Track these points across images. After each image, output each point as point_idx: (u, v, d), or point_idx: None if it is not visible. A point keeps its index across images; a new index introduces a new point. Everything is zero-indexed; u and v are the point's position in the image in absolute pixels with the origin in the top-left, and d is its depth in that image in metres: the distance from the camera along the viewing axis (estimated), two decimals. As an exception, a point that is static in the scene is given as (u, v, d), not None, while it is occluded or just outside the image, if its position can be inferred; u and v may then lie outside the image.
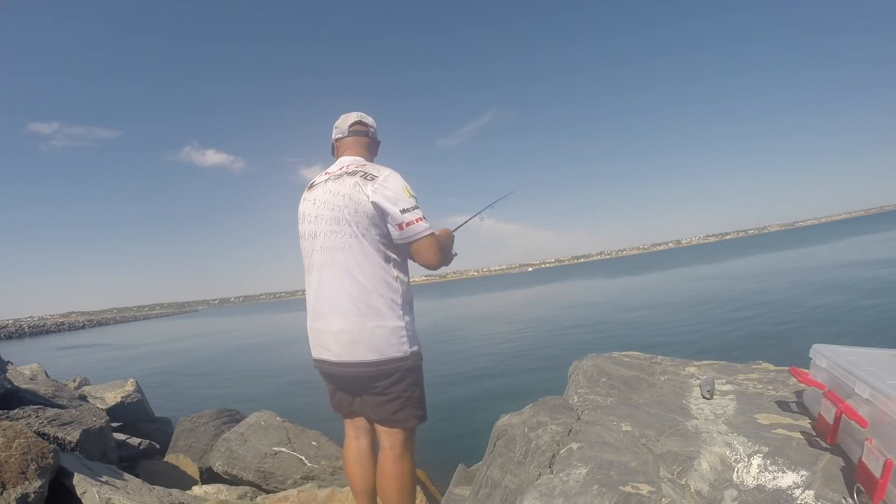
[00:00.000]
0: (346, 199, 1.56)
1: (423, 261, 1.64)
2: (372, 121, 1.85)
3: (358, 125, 1.80)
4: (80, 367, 15.17)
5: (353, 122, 1.81)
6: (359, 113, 1.83)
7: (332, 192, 1.61)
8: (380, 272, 1.57)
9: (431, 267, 1.66)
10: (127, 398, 5.64)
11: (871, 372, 1.33)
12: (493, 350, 11.55)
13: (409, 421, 1.65)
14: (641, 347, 2.89)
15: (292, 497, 2.86)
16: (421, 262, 1.65)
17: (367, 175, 1.58)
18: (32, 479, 2.10)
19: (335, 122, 1.84)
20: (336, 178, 1.65)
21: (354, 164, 1.68)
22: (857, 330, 8.40)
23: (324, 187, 1.66)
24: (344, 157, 1.76)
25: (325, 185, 1.66)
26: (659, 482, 1.33)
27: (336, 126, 1.83)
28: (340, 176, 1.64)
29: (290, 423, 4.19)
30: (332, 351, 1.59)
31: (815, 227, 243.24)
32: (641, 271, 46.18)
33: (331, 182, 1.65)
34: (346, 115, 1.83)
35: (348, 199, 1.56)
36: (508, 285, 67.30)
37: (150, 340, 31.52)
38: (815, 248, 36.55)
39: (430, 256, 1.61)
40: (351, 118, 1.81)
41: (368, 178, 1.57)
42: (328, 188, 1.64)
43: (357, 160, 1.72)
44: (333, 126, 1.84)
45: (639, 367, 2.38)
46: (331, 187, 1.63)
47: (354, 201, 1.55)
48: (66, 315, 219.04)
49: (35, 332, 60.11)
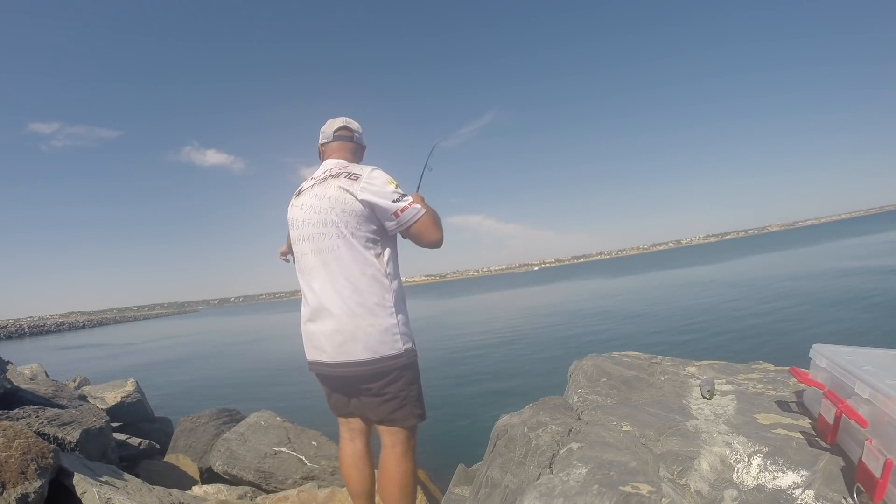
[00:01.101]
0: (333, 201, 1.59)
1: (427, 239, 1.65)
2: (357, 126, 1.88)
3: (343, 130, 1.83)
4: (80, 367, 15.19)
5: (339, 126, 1.83)
6: (344, 118, 1.86)
7: (318, 195, 1.64)
8: (370, 271, 1.58)
9: (436, 243, 1.67)
10: (127, 398, 5.64)
11: (871, 372, 1.33)
12: (493, 350, 11.55)
13: (408, 419, 1.65)
14: (641, 347, 2.89)
15: (292, 497, 2.86)
16: (425, 242, 1.66)
17: (351, 175, 1.61)
18: (32, 479, 2.10)
19: (322, 128, 1.87)
20: (321, 181, 1.67)
21: (337, 166, 1.71)
22: (857, 330, 8.40)
23: (310, 192, 1.69)
24: (328, 161, 1.79)
25: (312, 189, 1.69)
26: (659, 482, 1.33)
27: (322, 131, 1.86)
28: (325, 179, 1.66)
29: (290, 423, 4.19)
30: (326, 352, 1.61)
31: (815, 227, 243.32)
32: (642, 271, 46.20)
33: (317, 186, 1.68)
34: (333, 120, 1.86)
35: (334, 201, 1.59)
36: (511, 285, 67.32)
37: (150, 340, 31.51)
38: (815, 248, 36.56)
39: (432, 233, 1.64)
40: (336, 123, 1.84)
41: (352, 177, 1.60)
42: (314, 192, 1.67)
43: (340, 162, 1.75)
44: (320, 131, 1.87)
45: (639, 367, 2.38)
46: (317, 191, 1.66)
47: (341, 202, 1.58)
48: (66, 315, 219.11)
49: (35, 332, 60.14)
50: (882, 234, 42.60)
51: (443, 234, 1.68)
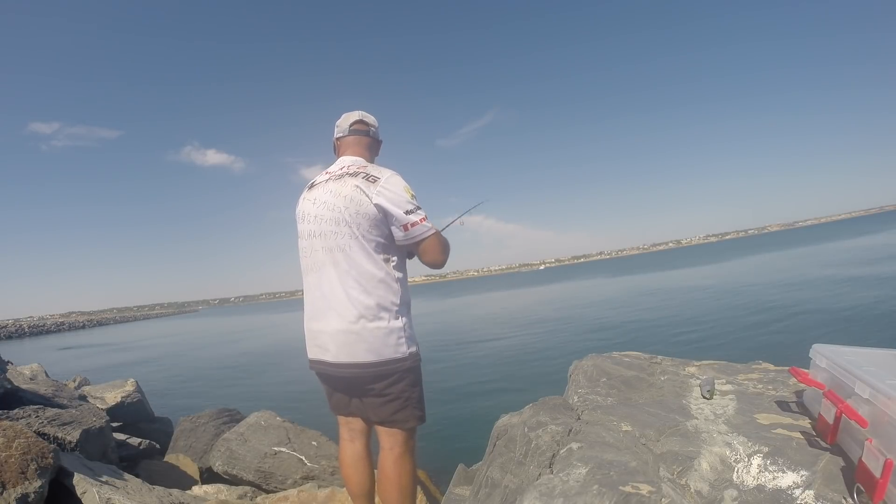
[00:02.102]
0: (348, 201, 1.56)
1: (429, 260, 1.64)
2: (373, 120, 1.83)
3: (359, 124, 1.79)
4: (80, 367, 15.19)
5: (355, 120, 1.79)
6: (360, 112, 1.82)
7: (332, 192, 1.60)
8: (379, 273, 1.56)
9: (438, 265, 1.66)
10: (127, 398, 5.64)
11: (871, 372, 1.33)
12: (493, 350, 11.55)
13: (408, 421, 1.64)
14: (641, 347, 2.89)
15: (292, 497, 2.86)
16: (427, 262, 1.66)
17: (370, 177, 1.58)
18: (32, 479, 2.10)
19: (337, 121, 1.83)
20: (337, 178, 1.63)
21: (356, 164, 1.67)
22: (857, 330, 8.40)
23: (324, 187, 1.65)
24: (345, 157, 1.75)
25: (326, 185, 1.65)
26: (659, 482, 1.33)
27: (337, 125, 1.82)
28: (342, 176, 1.63)
29: (290, 422, 4.19)
30: (329, 352, 1.59)
31: (815, 227, 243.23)
32: (642, 271, 46.19)
33: (332, 182, 1.64)
34: (348, 113, 1.82)
35: (349, 201, 1.55)
36: (512, 285, 67.28)
37: (150, 340, 31.51)
38: (815, 248, 36.55)
39: (437, 255, 1.63)
40: (352, 117, 1.80)
41: (371, 179, 1.57)
42: (329, 188, 1.63)
43: (358, 161, 1.71)
44: (335, 125, 1.83)
45: (639, 367, 2.38)
46: (332, 187, 1.62)
47: (356, 203, 1.55)
48: (66, 315, 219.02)
49: (35, 332, 60.12)
50: (882, 234, 42.60)
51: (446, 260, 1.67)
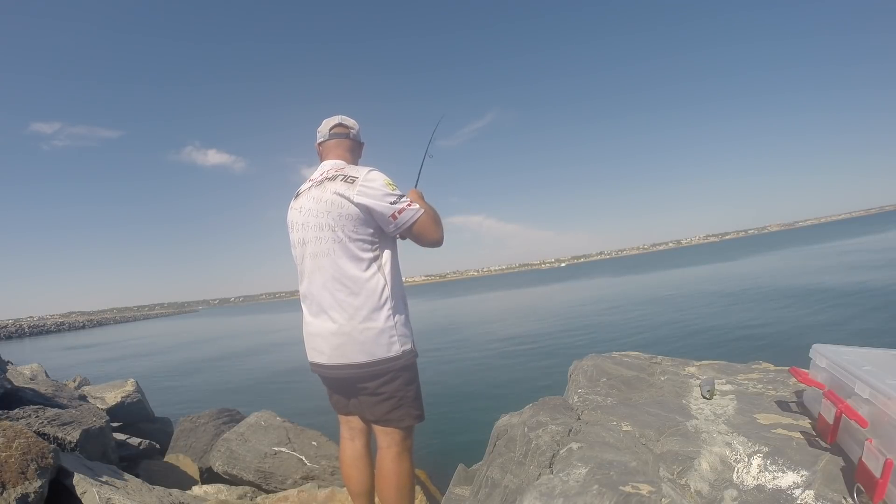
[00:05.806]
0: (329, 205, 1.58)
1: (426, 239, 1.65)
2: (353, 122, 1.85)
3: (339, 127, 1.81)
4: (80, 367, 15.19)
5: (335, 124, 1.82)
6: (340, 116, 1.84)
7: (315, 198, 1.63)
8: (367, 274, 1.58)
9: (436, 242, 1.67)
10: (127, 398, 5.64)
11: (871, 372, 1.33)
12: (493, 350, 11.55)
13: (404, 420, 1.65)
14: (641, 347, 2.89)
15: (292, 497, 2.86)
16: (425, 242, 1.66)
17: (348, 178, 1.60)
18: (32, 479, 2.09)
19: (318, 128, 1.85)
20: (318, 184, 1.66)
21: (334, 168, 1.69)
22: (857, 330, 8.40)
23: (308, 195, 1.68)
24: (325, 162, 1.77)
25: (309, 192, 1.68)
26: (659, 482, 1.33)
27: (319, 131, 1.84)
28: (322, 182, 1.65)
29: (290, 422, 4.19)
30: (324, 354, 1.62)
31: (815, 227, 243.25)
32: (642, 271, 46.19)
33: (314, 189, 1.66)
34: (328, 119, 1.84)
35: (331, 205, 1.58)
36: (514, 285, 67.29)
37: (149, 340, 31.50)
38: (815, 248, 36.55)
39: (431, 232, 1.64)
40: (332, 121, 1.82)
41: (349, 180, 1.59)
42: (311, 195, 1.66)
43: (337, 163, 1.73)
44: (316, 131, 1.85)
45: (639, 367, 2.38)
46: (314, 194, 1.65)
47: (338, 206, 1.57)
48: (66, 315, 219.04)
49: (35, 332, 60.14)
50: (881, 234, 42.60)
51: (443, 233, 1.68)
